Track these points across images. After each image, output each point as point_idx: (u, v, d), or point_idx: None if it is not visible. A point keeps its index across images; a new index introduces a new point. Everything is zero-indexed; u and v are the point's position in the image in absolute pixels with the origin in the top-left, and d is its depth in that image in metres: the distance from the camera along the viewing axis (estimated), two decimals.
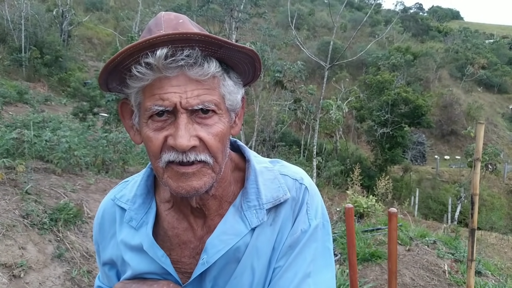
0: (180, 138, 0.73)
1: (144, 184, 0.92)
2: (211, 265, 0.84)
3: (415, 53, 33.06)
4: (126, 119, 0.84)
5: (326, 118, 21.45)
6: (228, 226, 0.85)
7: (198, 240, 0.88)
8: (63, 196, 5.64)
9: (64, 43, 25.76)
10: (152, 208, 0.90)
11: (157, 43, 0.70)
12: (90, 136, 9.24)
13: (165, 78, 0.73)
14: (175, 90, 0.73)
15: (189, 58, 0.72)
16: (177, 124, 0.74)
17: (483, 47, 49.14)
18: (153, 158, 0.78)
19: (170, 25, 0.77)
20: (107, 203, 0.99)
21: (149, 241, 0.87)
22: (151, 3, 31.98)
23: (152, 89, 0.74)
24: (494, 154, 21.15)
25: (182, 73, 0.74)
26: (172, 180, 0.78)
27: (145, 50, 0.71)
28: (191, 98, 0.74)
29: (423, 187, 24.06)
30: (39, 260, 4.62)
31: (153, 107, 0.74)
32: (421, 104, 22.98)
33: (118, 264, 0.95)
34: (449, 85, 36.87)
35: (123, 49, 0.71)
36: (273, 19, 38.20)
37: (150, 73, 0.73)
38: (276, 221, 0.86)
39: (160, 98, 0.73)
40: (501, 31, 68.88)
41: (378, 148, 23.42)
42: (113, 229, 0.95)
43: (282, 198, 0.86)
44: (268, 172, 0.90)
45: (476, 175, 4.79)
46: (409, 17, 55.77)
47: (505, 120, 38.20)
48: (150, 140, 0.76)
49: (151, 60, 0.71)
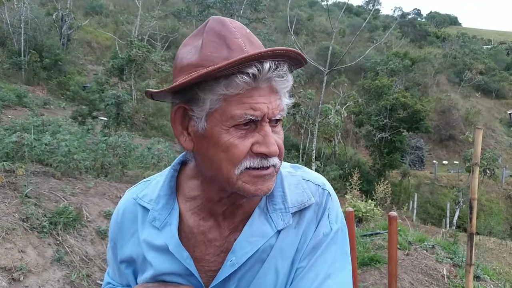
0: (273, 146, 0.78)
1: (167, 185, 0.93)
2: (238, 268, 0.87)
3: (413, 58, 33.18)
4: (177, 124, 0.84)
5: (324, 123, 21.48)
6: (254, 228, 0.88)
7: (223, 238, 0.90)
8: (63, 200, 5.64)
9: (64, 47, 25.77)
10: (175, 209, 0.92)
11: (265, 56, 0.74)
12: (89, 139, 9.24)
13: (255, 89, 0.76)
14: (264, 100, 0.77)
15: (283, 71, 0.78)
16: (264, 133, 0.78)
17: (481, 52, 49.39)
18: (231, 165, 0.79)
19: (243, 33, 0.80)
20: (128, 201, 1.00)
21: (175, 242, 0.89)
22: (150, 7, 32.06)
23: (241, 98, 0.76)
24: (492, 159, 21.21)
25: (269, 85, 0.78)
26: (249, 185, 0.80)
27: (254, 62, 0.74)
28: (275, 109, 0.79)
29: (422, 192, 24.09)
30: (39, 263, 4.62)
31: (244, 116, 0.76)
32: (419, 109, 23.04)
33: (138, 262, 0.97)
34: (447, 90, 37.01)
35: (238, 59, 0.72)
36: (273, 24, 38.33)
37: (251, 83, 0.75)
38: (300, 224, 0.90)
39: (251, 108, 0.76)
40: (498, 36, 69.24)
41: (377, 152, 23.45)
42: (134, 228, 0.96)
43: (307, 203, 0.90)
44: (291, 177, 0.94)
45: (474, 180, 4.81)
46: (407, 22, 56.00)
47: (503, 126, 38.33)
48: (235, 147, 0.78)
49: (256, 72, 0.74)
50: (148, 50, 20.99)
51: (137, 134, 16.39)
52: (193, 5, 29.48)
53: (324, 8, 23.68)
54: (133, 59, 19.67)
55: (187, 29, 34.31)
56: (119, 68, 20.64)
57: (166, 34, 30.17)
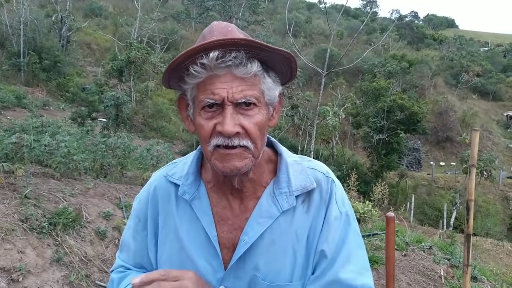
0: (226, 125, 0.87)
1: (195, 164, 1.06)
2: (251, 247, 0.96)
3: (410, 60, 33.28)
4: (182, 110, 1.00)
5: (323, 124, 21.53)
6: (263, 209, 0.98)
7: (235, 217, 1.00)
8: (62, 201, 5.65)
9: (63, 49, 25.75)
10: (202, 186, 1.03)
11: (210, 47, 0.84)
12: (89, 141, 9.24)
13: (216, 76, 0.87)
14: (223, 86, 0.87)
15: (236, 59, 0.86)
16: (224, 114, 0.88)
17: (478, 55, 49.59)
18: (203, 142, 0.92)
19: (221, 32, 0.91)
20: (160, 179, 1.10)
21: (208, 219, 1.00)
22: (150, 9, 32.05)
23: (204, 85, 0.88)
24: (489, 160, 21.29)
25: (230, 72, 0.88)
26: (218, 161, 0.91)
27: (201, 53, 0.85)
28: (236, 93, 0.88)
29: (419, 193, 24.14)
30: (38, 264, 4.63)
31: (205, 100, 0.89)
32: (416, 111, 23.11)
33: (163, 234, 1.06)
34: (444, 92, 37.13)
35: (183, 52, 0.85)
36: (271, 26, 38.40)
37: (204, 71, 0.87)
38: (310, 209, 1.00)
39: (211, 93, 0.88)
40: (495, 39, 69.53)
41: (374, 154, 23.48)
42: (168, 202, 1.06)
43: (309, 187, 1.00)
44: (297, 165, 1.04)
45: (471, 181, 4.85)
46: (404, 25, 56.19)
47: (499, 127, 38.46)
48: (202, 127, 0.91)
49: (205, 61, 0.85)
50: (147, 52, 21.01)
51: (136, 135, 16.41)
52: (192, 8, 29.55)
53: (322, 10, 23.78)
54: (132, 60, 19.69)
55: (186, 31, 34.35)
56: (118, 69, 20.64)
57: (165, 36, 30.19)
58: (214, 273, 0.99)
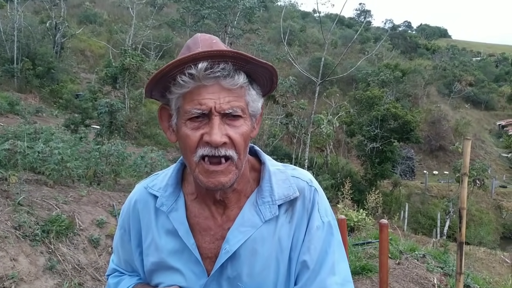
0: (214, 135, 0.88)
1: (175, 176, 1.05)
2: (233, 256, 0.96)
3: (403, 70, 33.55)
4: (163, 121, 0.99)
5: (317, 133, 21.61)
6: (245, 219, 0.98)
7: (218, 227, 1.00)
8: (55, 208, 5.61)
9: (57, 55, 25.66)
10: (180, 197, 1.03)
11: (199, 58, 0.85)
12: (82, 148, 9.20)
13: (203, 86, 0.88)
14: (211, 96, 0.88)
15: (224, 70, 0.88)
16: (212, 124, 0.89)
17: (470, 64, 50.20)
18: (189, 153, 0.92)
19: (206, 43, 0.92)
20: (140, 191, 1.11)
21: (185, 228, 1.00)
22: (144, 17, 32.14)
23: (191, 95, 0.89)
24: (482, 169, 21.44)
25: (217, 83, 0.89)
26: (202, 176, 0.92)
27: (189, 63, 0.86)
28: (223, 104, 0.89)
29: (413, 202, 24.22)
30: (31, 272, 4.59)
31: (192, 110, 0.89)
32: (410, 120, 23.26)
33: (145, 246, 1.07)
34: (437, 102, 37.46)
35: (172, 62, 0.86)
36: (266, 34, 38.64)
37: (191, 82, 0.88)
38: (293, 218, 0.99)
39: (199, 103, 0.88)
40: (487, 49, 70.49)
41: (368, 162, 23.56)
42: (147, 214, 1.07)
43: (292, 196, 1.00)
44: (280, 173, 1.04)
45: (463, 190, 4.90)
46: (398, 35, 56.84)
47: (492, 136, 38.82)
48: (188, 137, 0.91)
49: (193, 71, 0.86)
50: (141, 59, 21.04)
51: (130, 142, 16.35)
52: (187, 16, 29.65)
53: (317, 19, 24.09)
54: (126, 67, 19.69)
55: (181, 39, 34.44)
56: (112, 76, 20.63)
57: (160, 43, 30.25)
58: (197, 280, 0.99)
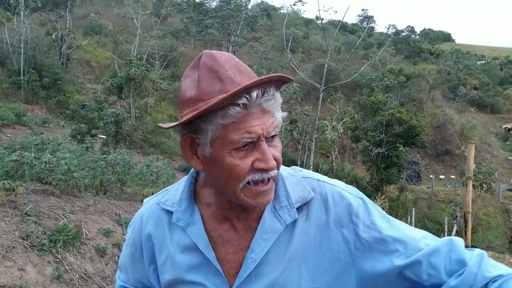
0: (270, 161, 0.89)
1: (188, 189, 1.04)
2: (259, 265, 0.96)
3: (408, 74, 33.53)
4: (187, 150, 0.95)
5: (321, 139, 21.62)
6: (266, 225, 0.98)
7: (240, 238, 1.00)
8: (62, 218, 5.67)
9: (63, 66, 25.96)
10: (196, 211, 1.02)
11: (252, 87, 0.84)
12: (89, 157, 9.28)
13: (249, 113, 0.87)
14: (257, 122, 0.87)
15: (269, 95, 0.88)
16: (262, 151, 0.88)
17: (475, 68, 50.03)
18: (234, 181, 0.90)
19: (232, 64, 0.90)
20: (152, 207, 1.10)
21: (204, 242, 0.99)
22: (149, 27, 32.49)
23: (237, 124, 0.86)
24: (489, 173, 21.25)
25: (260, 107, 0.87)
26: (250, 199, 0.92)
27: (243, 94, 0.84)
28: (269, 128, 0.89)
29: (419, 207, 24.06)
30: (38, 281, 4.63)
31: (242, 140, 0.87)
32: (415, 125, 23.20)
33: (160, 264, 1.05)
34: (442, 106, 37.33)
35: (226, 96, 0.83)
36: (269, 42, 38.83)
37: (243, 111, 0.85)
38: (309, 217, 1.00)
39: (247, 132, 0.86)
40: (491, 52, 70.26)
41: (374, 168, 23.48)
42: (161, 231, 1.05)
43: (308, 197, 1.00)
44: (292, 177, 1.05)
45: (468, 194, 4.88)
46: (401, 39, 56.90)
47: (498, 140, 38.56)
48: (237, 166, 0.88)
49: (246, 102, 0.85)
50: (146, 69, 21.23)
51: (135, 151, 16.44)
52: (191, 25, 29.92)
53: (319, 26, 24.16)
54: (132, 77, 19.87)
55: (185, 48, 34.74)
56: (118, 86, 20.81)
57: (165, 53, 30.52)
58: None
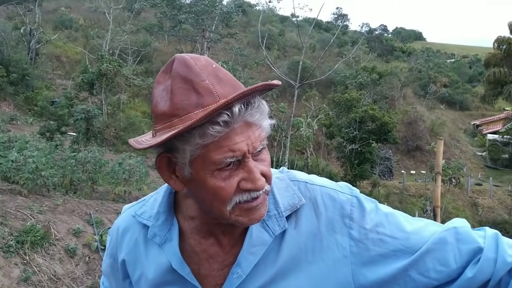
0: (258, 181, 0.79)
1: (166, 201, 0.95)
2: (246, 280, 0.88)
3: (380, 72, 34.14)
4: (164, 170, 0.85)
5: (297, 135, 21.80)
6: (254, 238, 0.88)
7: (226, 253, 0.91)
8: (30, 218, 5.51)
9: (32, 62, 25.11)
10: (174, 225, 0.93)
11: (233, 101, 0.73)
12: (58, 156, 9.06)
13: (232, 130, 0.76)
14: (241, 138, 0.77)
15: (253, 106, 0.78)
16: (249, 169, 0.79)
17: (445, 66, 51.49)
18: (221, 204, 0.81)
19: (209, 72, 0.79)
20: (128, 220, 1.01)
21: (177, 258, 0.90)
22: (122, 22, 31.81)
23: (218, 142, 0.76)
24: (457, 168, 21.94)
25: (244, 122, 0.77)
26: (242, 217, 0.82)
27: (223, 110, 0.74)
28: (255, 143, 0.79)
29: (391, 201, 24.62)
30: (4, 284, 4.49)
31: (224, 160, 0.77)
32: (387, 121, 23.68)
33: (134, 280, 0.99)
34: (413, 103, 38.24)
35: (203, 116, 0.73)
36: (245, 39, 38.76)
37: (225, 129, 0.75)
38: (299, 224, 0.90)
39: (230, 150, 0.76)
40: (461, 51, 72.40)
41: (348, 164, 23.86)
42: (135, 246, 0.98)
43: (298, 204, 0.91)
44: (280, 181, 0.95)
45: (437, 188, 5.03)
46: (374, 38, 57.81)
47: (467, 136, 39.84)
48: (222, 189, 0.79)
49: (227, 118, 0.74)
50: (119, 64, 20.82)
51: (107, 149, 16.13)
52: (165, 20, 29.50)
53: (295, 24, 24.24)
54: (103, 73, 19.45)
55: (159, 43, 34.23)
56: (89, 82, 20.35)
57: (138, 48, 29.99)
58: None
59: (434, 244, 0.85)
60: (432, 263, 0.84)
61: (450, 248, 0.85)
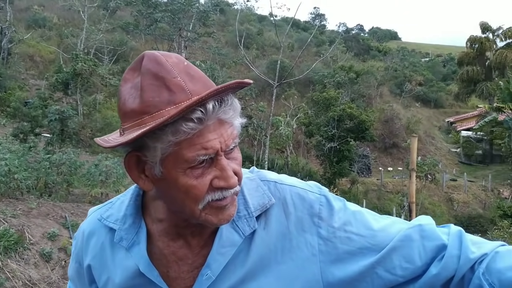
0: (231, 179, 0.79)
1: (133, 204, 0.93)
2: (216, 282, 0.87)
3: (357, 71, 34.60)
4: (133, 169, 0.83)
5: (276, 134, 21.91)
6: (224, 239, 0.87)
7: (195, 255, 0.90)
8: (3, 222, 5.36)
9: (4, 61, 24.45)
10: (142, 228, 0.91)
11: (207, 98, 0.73)
12: (32, 158, 8.82)
13: (205, 127, 0.76)
14: (214, 136, 0.76)
15: (227, 104, 0.78)
16: (221, 166, 0.78)
17: (420, 65, 52.61)
18: (193, 203, 0.80)
19: (180, 69, 0.78)
20: (93, 223, 0.98)
21: (145, 261, 0.88)
22: (97, 20, 31.20)
23: (190, 140, 0.75)
24: (433, 164, 22.50)
25: (217, 119, 0.77)
26: (212, 216, 0.81)
27: (196, 107, 0.73)
28: (227, 140, 0.79)
29: (370, 198, 25.04)
30: None
31: (197, 158, 0.76)
32: (364, 119, 24.04)
33: (100, 285, 0.97)
34: (389, 101, 38.92)
35: (176, 112, 0.71)
36: (223, 38, 38.62)
37: (199, 126, 0.74)
38: (268, 224, 0.90)
39: (203, 147, 0.76)
40: (435, 50, 74.14)
41: (327, 162, 24.11)
42: (101, 250, 0.95)
43: (268, 204, 0.90)
44: (250, 182, 0.94)
45: (412, 184, 5.14)
46: (351, 37, 58.58)
47: (441, 133, 40.86)
48: (194, 187, 0.78)
49: (201, 115, 0.74)
50: (94, 64, 20.45)
51: (83, 150, 15.80)
52: (141, 19, 29.10)
53: (273, 23, 24.33)
54: (78, 73, 19.08)
55: (136, 43, 33.72)
56: (63, 82, 19.93)
57: (114, 47, 29.49)
58: None
59: (399, 241, 0.86)
60: (398, 260, 0.85)
61: (415, 245, 0.86)
